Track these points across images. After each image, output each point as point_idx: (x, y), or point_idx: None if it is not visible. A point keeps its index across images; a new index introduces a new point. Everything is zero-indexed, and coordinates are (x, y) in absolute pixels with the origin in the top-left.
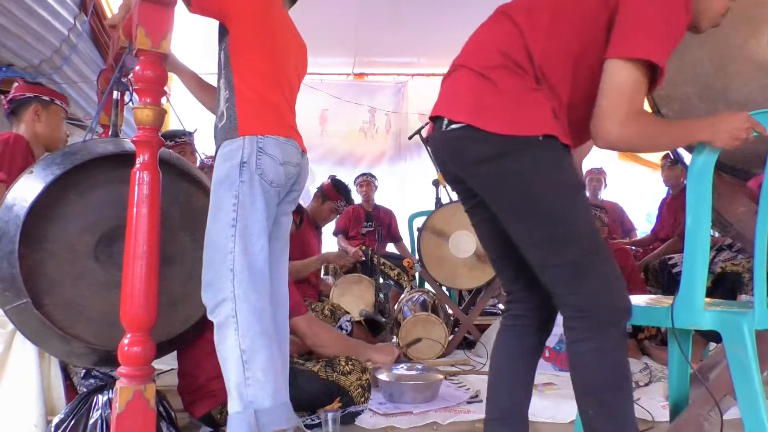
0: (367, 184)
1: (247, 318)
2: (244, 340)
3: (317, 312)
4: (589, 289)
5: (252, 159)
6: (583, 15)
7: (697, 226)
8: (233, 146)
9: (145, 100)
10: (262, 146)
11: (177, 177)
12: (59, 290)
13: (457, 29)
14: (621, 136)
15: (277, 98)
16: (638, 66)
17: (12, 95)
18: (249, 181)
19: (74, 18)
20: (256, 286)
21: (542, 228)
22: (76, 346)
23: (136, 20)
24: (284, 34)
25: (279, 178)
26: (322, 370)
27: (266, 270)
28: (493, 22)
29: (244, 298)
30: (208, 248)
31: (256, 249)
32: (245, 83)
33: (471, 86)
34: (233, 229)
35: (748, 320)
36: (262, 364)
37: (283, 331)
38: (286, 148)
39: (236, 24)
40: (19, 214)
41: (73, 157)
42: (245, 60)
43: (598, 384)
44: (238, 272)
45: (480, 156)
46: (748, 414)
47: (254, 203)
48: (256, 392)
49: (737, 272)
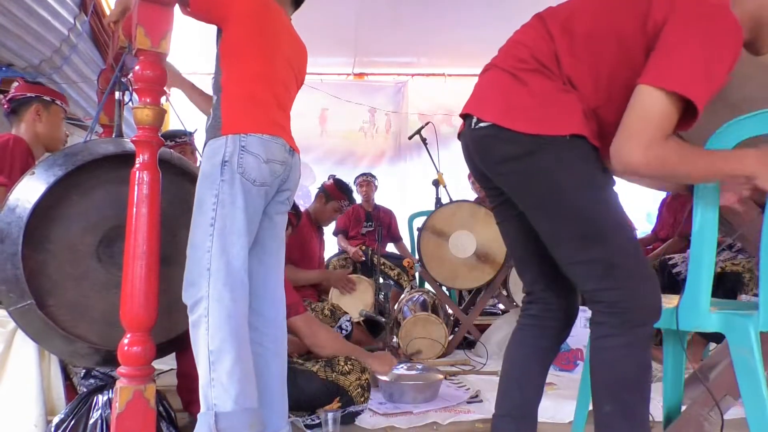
0: (367, 184)
1: (218, 319)
2: (213, 340)
3: (317, 312)
4: (624, 286)
5: (234, 158)
6: (620, 38)
7: (703, 229)
8: (216, 144)
9: (145, 100)
10: (245, 144)
11: (177, 177)
12: (62, 291)
13: (457, 29)
14: (646, 158)
15: (265, 96)
16: (671, 98)
17: (12, 94)
18: (230, 180)
19: (74, 18)
20: (232, 286)
21: (570, 225)
22: (80, 347)
23: (136, 20)
24: (279, 38)
25: (263, 176)
26: (322, 370)
27: (244, 271)
28: (530, 26)
29: (217, 299)
30: (190, 247)
31: (234, 249)
32: (232, 82)
33: (501, 86)
34: (211, 228)
35: (754, 322)
36: (228, 366)
37: (280, 330)
38: (270, 146)
39: (228, 26)
40: (21, 216)
41: (75, 158)
42: (235, 61)
43: (620, 381)
44: (214, 272)
45: (506, 155)
46: (753, 416)
47: (234, 202)
48: (219, 394)
49: (737, 272)
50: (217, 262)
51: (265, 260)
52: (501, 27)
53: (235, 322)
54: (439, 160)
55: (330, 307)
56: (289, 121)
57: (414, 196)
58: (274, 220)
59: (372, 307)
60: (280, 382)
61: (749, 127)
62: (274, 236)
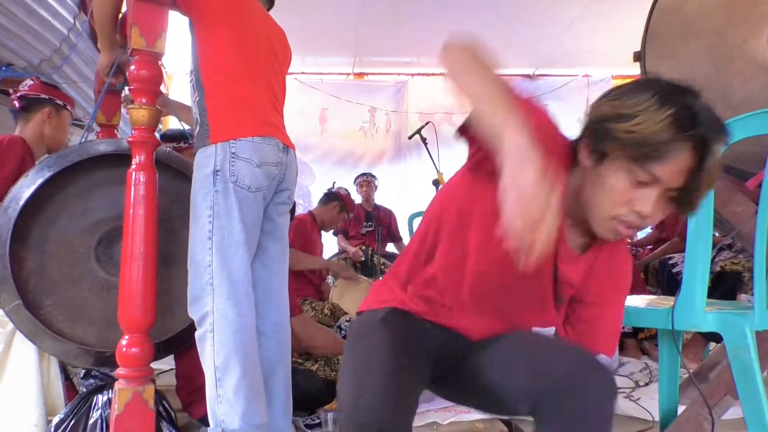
0: (367, 184)
1: (223, 334)
2: (218, 356)
3: (317, 311)
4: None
5: (225, 166)
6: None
7: (698, 229)
8: (206, 154)
9: (141, 101)
10: (235, 151)
11: (176, 176)
12: (60, 291)
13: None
14: (452, 47)
15: (250, 94)
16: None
17: (26, 92)
18: (223, 190)
19: (74, 18)
20: (236, 300)
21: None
22: (70, 347)
23: (131, 19)
24: (254, 24)
25: (257, 181)
26: (321, 369)
27: (247, 282)
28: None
29: (222, 314)
30: (190, 262)
31: (235, 263)
32: (213, 81)
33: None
34: (210, 241)
35: (749, 321)
36: (234, 383)
37: (285, 334)
38: (262, 149)
39: (200, 18)
40: (11, 217)
41: (66, 158)
42: (211, 56)
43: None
44: (216, 286)
45: None
46: (750, 414)
47: (230, 213)
48: (226, 411)
49: (737, 271)
50: (218, 277)
51: (268, 264)
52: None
53: (241, 336)
54: (439, 159)
55: (330, 307)
56: (281, 116)
57: (414, 196)
58: (275, 222)
59: None
60: (284, 387)
61: (749, 127)
62: (277, 239)
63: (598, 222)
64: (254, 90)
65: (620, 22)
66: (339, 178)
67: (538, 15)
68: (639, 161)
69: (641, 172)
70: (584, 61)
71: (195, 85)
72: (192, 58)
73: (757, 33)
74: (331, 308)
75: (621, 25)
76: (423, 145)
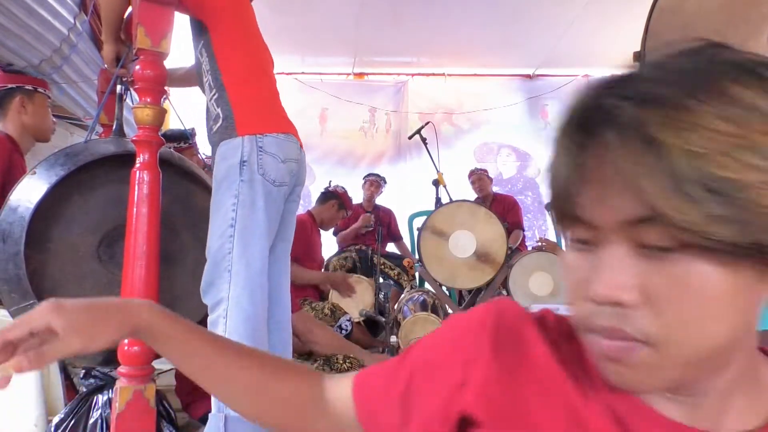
0: (376, 185)
1: (235, 321)
2: None
3: (317, 311)
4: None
5: (253, 158)
6: None
7: None
8: (231, 145)
9: (145, 100)
10: (262, 145)
11: (178, 176)
12: (63, 291)
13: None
14: None
15: (269, 91)
16: None
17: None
18: (249, 180)
19: (74, 18)
20: (251, 289)
21: None
22: None
23: (137, 19)
24: (256, 27)
25: (282, 176)
26: (320, 368)
27: (264, 274)
28: None
29: (236, 301)
30: (209, 248)
31: (255, 251)
32: (235, 80)
33: None
34: (232, 229)
35: None
36: None
37: (287, 333)
38: (286, 145)
39: (216, 21)
40: (24, 216)
41: (76, 158)
42: (230, 57)
43: None
44: (234, 274)
45: None
46: None
47: (255, 204)
48: None
49: None
50: (237, 265)
51: (273, 262)
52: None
53: (252, 325)
54: (439, 159)
55: (330, 307)
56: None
57: (414, 196)
58: (286, 221)
59: (372, 306)
60: None
61: None
62: (285, 238)
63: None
64: (270, 87)
65: (620, 22)
66: (339, 178)
67: (538, 15)
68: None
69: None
70: (584, 61)
71: (213, 83)
72: (205, 57)
73: (757, 33)
74: (331, 308)
75: (621, 25)
76: (423, 145)
